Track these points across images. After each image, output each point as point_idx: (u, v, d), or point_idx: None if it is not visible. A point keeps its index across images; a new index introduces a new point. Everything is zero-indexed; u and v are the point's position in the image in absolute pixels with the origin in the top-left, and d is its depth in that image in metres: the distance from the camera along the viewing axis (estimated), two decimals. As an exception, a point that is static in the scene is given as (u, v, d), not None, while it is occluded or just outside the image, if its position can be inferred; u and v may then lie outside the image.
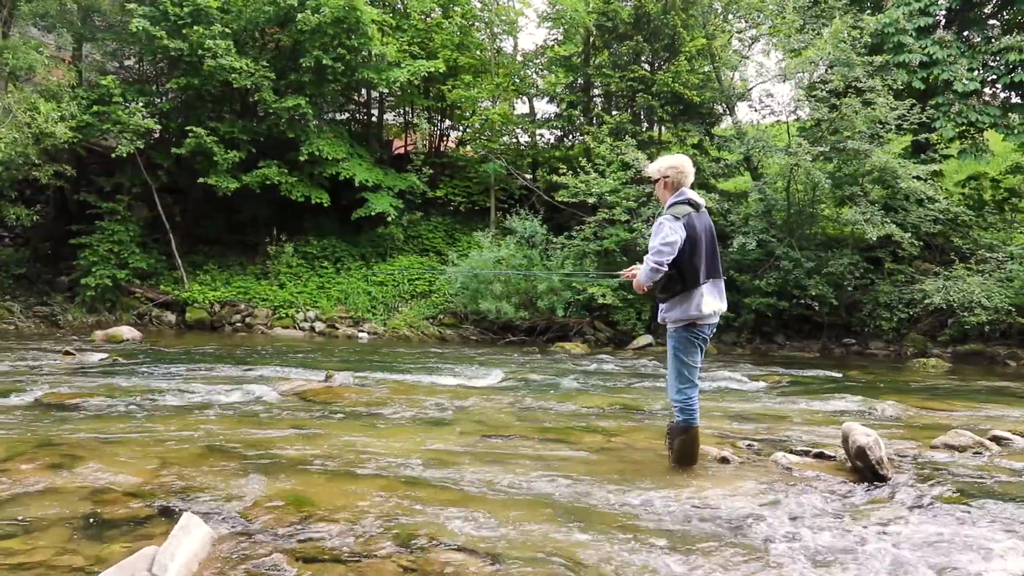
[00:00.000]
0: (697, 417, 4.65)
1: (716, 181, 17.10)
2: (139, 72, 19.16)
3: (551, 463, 4.85)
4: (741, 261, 14.79)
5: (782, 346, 15.00)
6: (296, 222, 18.94)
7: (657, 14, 17.31)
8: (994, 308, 12.80)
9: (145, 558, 2.86)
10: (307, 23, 16.53)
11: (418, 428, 6.06)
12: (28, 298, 16.57)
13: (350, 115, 22.18)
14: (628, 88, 17.76)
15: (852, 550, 3.37)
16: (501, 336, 15.74)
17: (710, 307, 4.51)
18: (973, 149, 16.56)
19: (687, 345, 4.58)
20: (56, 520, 3.56)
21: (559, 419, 6.59)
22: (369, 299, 17.41)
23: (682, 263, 4.45)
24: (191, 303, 17.07)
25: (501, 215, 18.16)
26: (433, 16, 20.45)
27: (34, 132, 14.49)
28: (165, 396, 7.28)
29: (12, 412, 6.30)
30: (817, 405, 7.67)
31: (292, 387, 7.88)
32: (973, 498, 4.19)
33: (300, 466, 4.62)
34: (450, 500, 3.97)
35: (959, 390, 9.55)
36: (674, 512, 3.86)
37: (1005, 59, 14.95)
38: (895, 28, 15.12)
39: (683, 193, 4.63)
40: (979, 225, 15.75)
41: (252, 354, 12.05)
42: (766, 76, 17.39)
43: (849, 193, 14.55)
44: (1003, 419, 6.99)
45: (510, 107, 20.39)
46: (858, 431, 4.68)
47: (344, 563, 3.13)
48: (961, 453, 5.30)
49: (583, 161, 16.27)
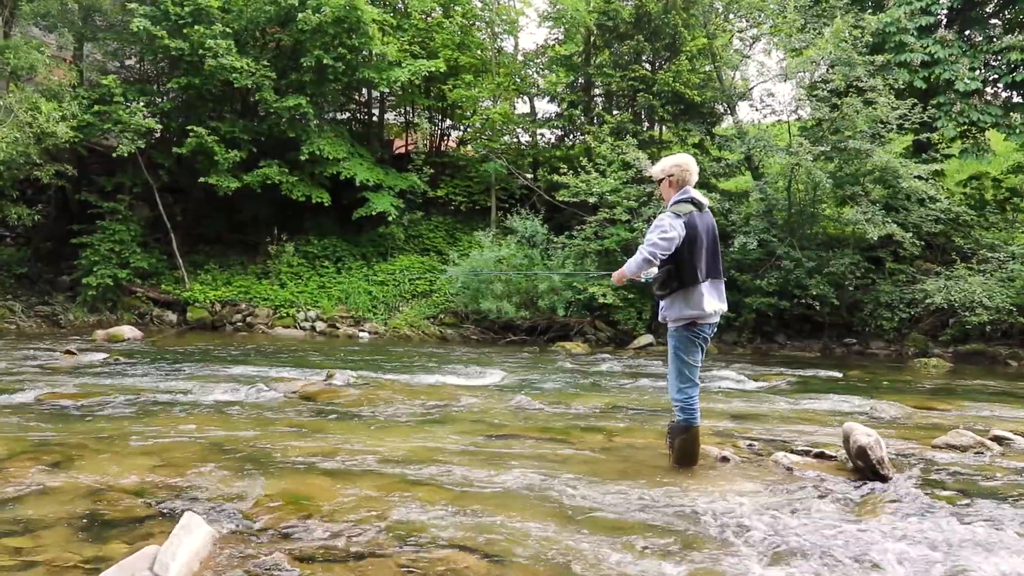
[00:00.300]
0: (698, 416, 4.64)
1: (717, 181, 17.09)
2: (140, 72, 19.17)
3: (552, 463, 4.85)
4: (742, 261, 14.78)
5: (783, 346, 14.99)
6: (297, 222, 18.95)
7: (658, 13, 17.30)
8: (995, 308, 12.78)
9: (146, 557, 2.86)
10: (308, 23, 16.53)
11: (419, 428, 6.06)
12: (29, 297, 16.58)
13: (351, 115, 22.17)
14: (629, 87, 17.75)
15: (852, 550, 3.36)
16: (502, 336, 15.74)
17: (710, 306, 4.51)
18: (975, 149, 16.53)
19: (688, 344, 4.58)
20: (57, 519, 3.57)
21: (560, 419, 6.59)
22: (370, 299, 17.42)
23: (680, 260, 4.44)
24: (192, 303, 17.07)
25: (502, 215, 18.16)
26: (434, 16, 20.44)
27: (35, 132, 14.49)
28: (166, 396, 7.29)
29: (13, 411, 6.31)
30: (818, 405, 7.67)
31: (293, 387, 7.89)
32: (974, 498, 4.18)
33: (301, 465, 4.62)
34: (450, 499, 3.97)
35: (960, 390, 9.55)
36: (675, 512, 3.86)
37: (1007, 58, 14.93)
38: (896, 27, 15.10)
39: (687, 192, 4.63)
40: (980, 225, 15.73)
41: (253, 354, 12.06)
42: (767, 75, 17.39)
43: (850, 193, 14.53)
44: (1004, 419, 6.99)
45: (511, 107, 20.38)
46: (859, 431, 4.68)
47: (344, 562, 3.13)
48: (962, 453, 5.30)
49: (584, 161, 16.25)
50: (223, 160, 16.56)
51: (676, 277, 4.49)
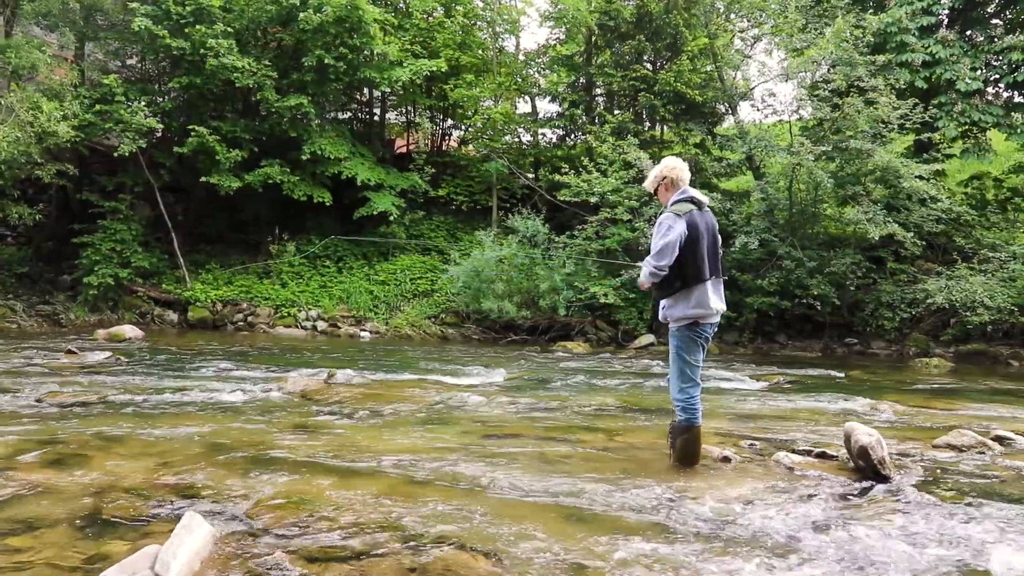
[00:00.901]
0: (699, 416, 4.64)
1: (718, 181, 17.09)
2: (141, 71, 19.17)
3: (553, 462, 4.85)
4: (743, 260, 14.77)
5: (784, 346, 14.99)
6: (298, 221, 18.96)
7: (659, 13, 17.29)
8: (996, 308, 12.78)
9: (148, 556, 2.86)
10: (309, 22, 16.54)
11: (420, 427, 6.06)
12: (31, 297, 16.59)
13: (352, 114, 22.18)
14: (630, 87, 17.75)
15: (853, 549, 3.36)
16: (503, 335, 15.74)
17: (712, 306, 4.51)
18: (976, 149, 16.52)
19: (689, 344, 4.57)
20: (59, 518, 3.57)
21: (561, 418, 6.59)
22: (371, 298, 17.42)
23: (682, 260, 4.44)
24: (193, 302, 17.08)
25: (503, 214, 18.16)
26: (435, 15, 20.45)
27: (37, 131, 14.50)
28: (167, 395, 7.30)
29: (15, 411, 6.31)
30: (819, 405, 7.67)
31: (294, 386, 7.89)
32: (976, 498, 4.18)
33: (302, 465, 4.62)
34: (452, 498, 3.97)
35: (961, 390, 9.54)
36: (676, 511, 3.86)
37: (1008, 58, 14.91)
38: (898, 27, 15.09)
39: (685, 191, 4.63)
40: (982, 225, 15.72)
41: (254, 353, 12.06)
42: (768, 75, 17.37)
43: (851, 192, 14.53)
44: (1006, 419, 6.98)
45: (512, 106, 20.39)
46: (860, 431, 4.68)
47: (346, 562, 3.13)
48: (963, 453, 5.30)
49: (585, 160, 16.26)
50: (224, 160, 16.57)
51: (679, 276, 4.48)
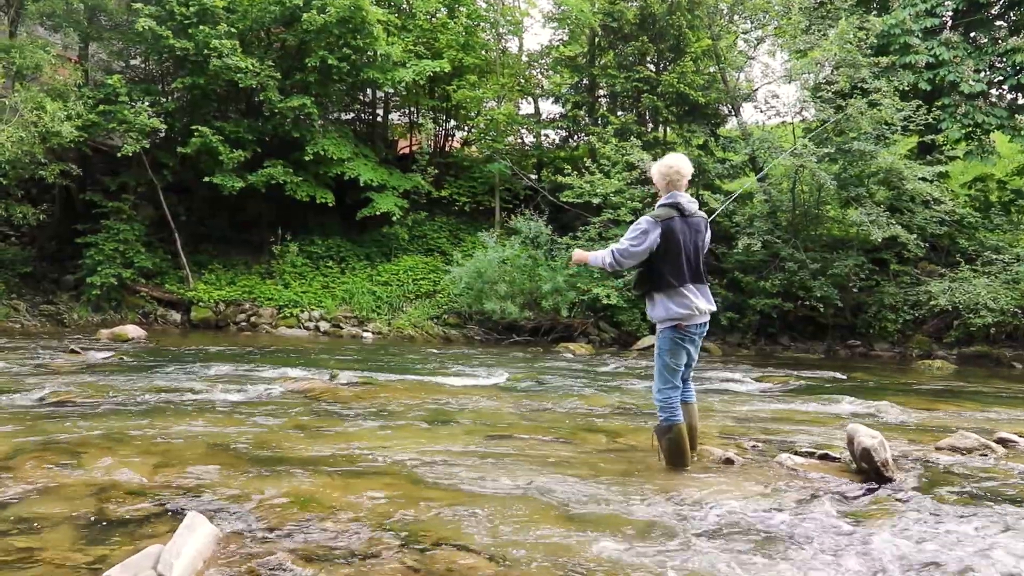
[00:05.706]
0: (679, 414, 4.63)
1: (721, 182, 17.08)
2: (145, 71, 19.20)
3: (555, 463, 4.85)
4: (746, 262, 14.75)
5: (787, 347, 14.97)
6: (301, 222, 18.97)
7: (662, 15, 17.29)
8: (1000, 310, 12.75)
9: (150, 556, 2.86)
10: (312, 23, 16.55)
11: (422, 428, 6.06)
12: (34, 297, 16.62)
13: (355, 115, 22.20)
14: (633, 89, 17.75)
15: (855, 550, 3.36)
16: (505, 336, 15.74)
17: (695, 307, 4.51)
18: (979, 150, 16.49)
19: (672, 346, 4.59)
20: (61, 518, 3.58)
21: (563, 419, 6.59)
22: (373, 299, 17.43)
23: (652, 265, 4.54)
24: (196, 302, 17.11)
25: (506, 215, 18.16)
26: (438, 16, 20.46)
27: (40, 131, 14.52)
28: (170, 395, 7.30)
29: (18, 410, 6.32)
30: (822, 407, 7.65)
31: (297, 386, 7.90)
32: (978, 500, 4.17)
33: (305, 465, 4.63)
34: (455, 500, 3.97)
35: (964, 392, 9.52)
36: (678, 512, 3.86)
37: (1012, 60, 14.90)
38: (901, 29, 15.08)
39: (673, 196, 4.65)
40: (985, 227, 15.70)
41: (257, 353, 12.07)
42: (772, 77, 17.40)
43: (854, 194, 14.51)
44: (1009, 421, 6.96)
45: (515, 107, 20.39)
46: (863, 433, 4.67)
47: (349, 563, 3.13)
48: (966, 455, 5.28)
49: (588, 162, 16.25)
50: (227, 160, 16.60)
51: (647, 280, 4.61)
